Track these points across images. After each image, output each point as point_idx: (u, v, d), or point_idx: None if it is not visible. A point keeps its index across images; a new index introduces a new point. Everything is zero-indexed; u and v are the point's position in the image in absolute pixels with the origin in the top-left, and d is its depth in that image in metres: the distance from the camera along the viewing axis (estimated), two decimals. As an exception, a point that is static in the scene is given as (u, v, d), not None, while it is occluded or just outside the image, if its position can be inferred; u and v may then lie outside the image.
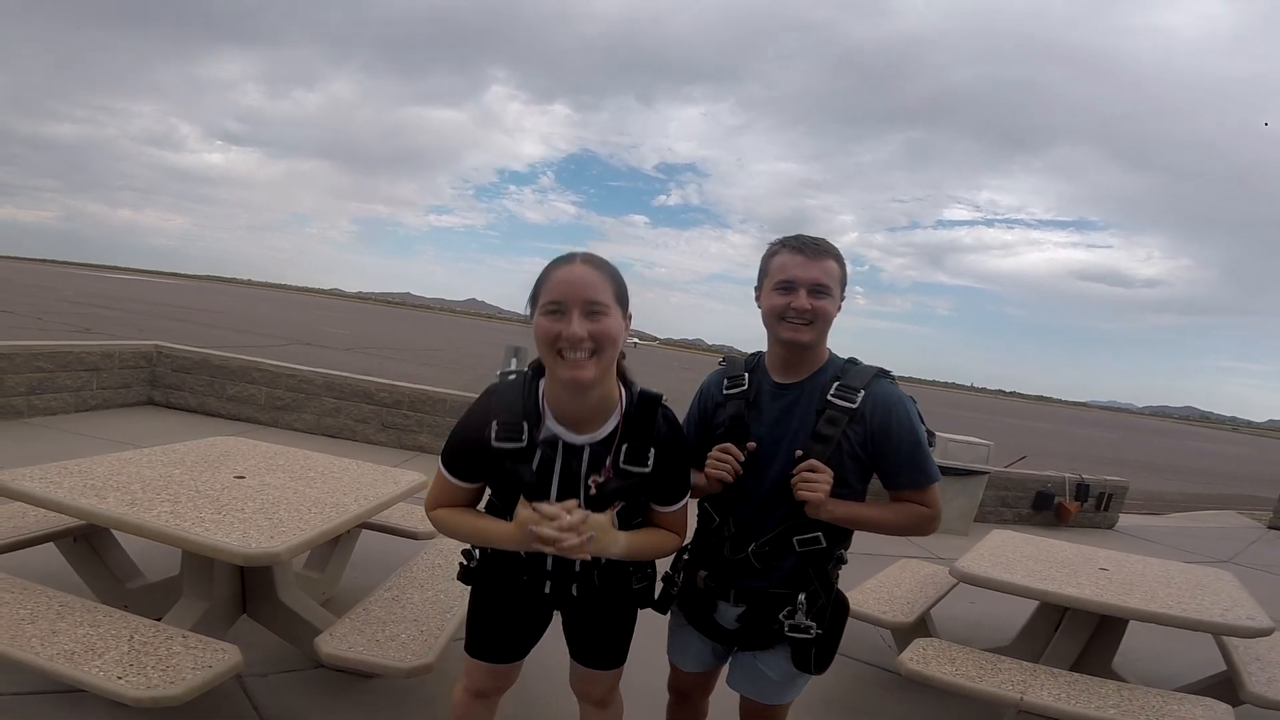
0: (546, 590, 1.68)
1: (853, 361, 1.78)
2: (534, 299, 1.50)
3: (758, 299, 1.81)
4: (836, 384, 1.71)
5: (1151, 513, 9.80)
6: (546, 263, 1.52)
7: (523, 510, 1.46)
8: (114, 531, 2.80)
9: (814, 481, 1.64)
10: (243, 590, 2.64)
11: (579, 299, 1.43)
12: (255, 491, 2.46)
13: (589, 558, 1.54)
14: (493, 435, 1.53)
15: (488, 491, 1.69)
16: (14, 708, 2.22)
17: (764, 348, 1.87)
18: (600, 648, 1.80)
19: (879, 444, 1.71)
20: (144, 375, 7.09)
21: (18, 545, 2.64)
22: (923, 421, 1.77)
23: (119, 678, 1.83)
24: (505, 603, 1.74)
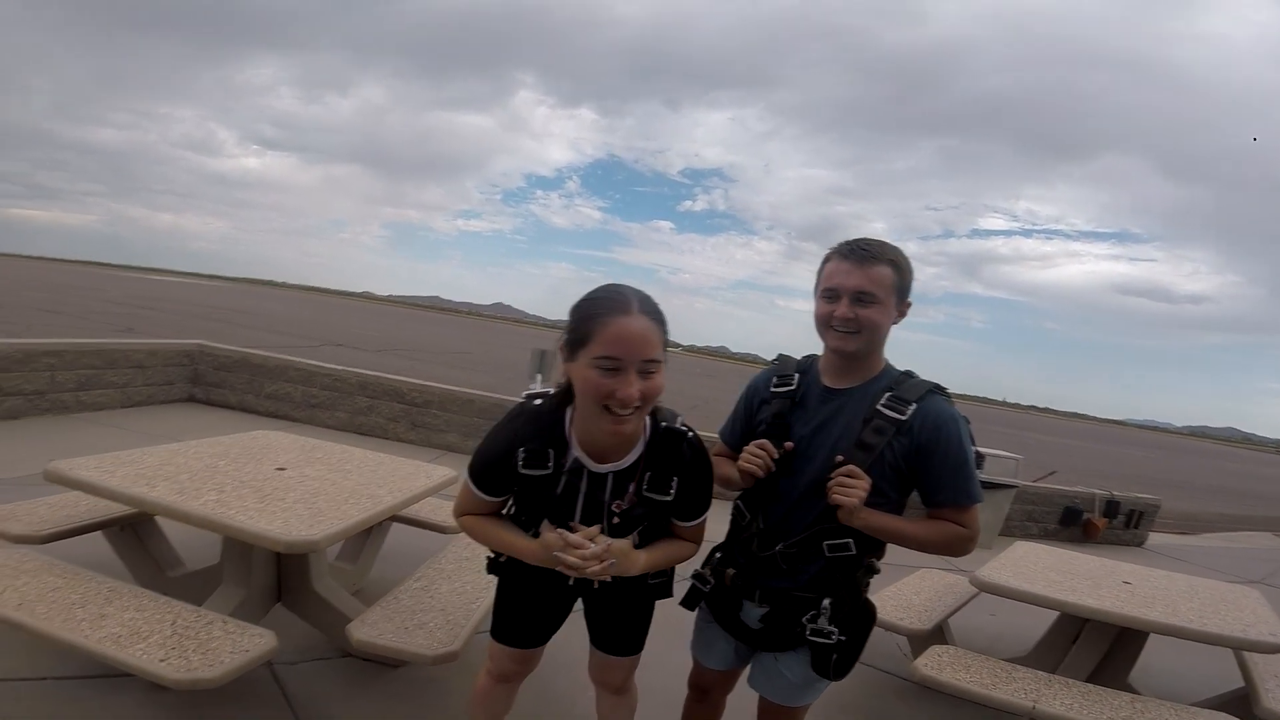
0: (570, 582, 1.71)
1: (908, 374, 1.77)
2: (580, 341, 1.43)
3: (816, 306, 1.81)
4: (888, 394, 1.70)
5: (1183, 532, 9.60)
6: (590, 296, 1.47)
7: (548, 534, 1.55)
8: (158, 521, 2.94)
9: (850, 487, 1.63)
10: (278, 579, 2.74)
11: (637, 357, 1.39)
12: (295, 482, 2.57)
13: (609, 579, 1.59)
14: (520, 462, 1.57)
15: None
16: (56, 692, 2.31)
17: (789, 353, 1.92)
18: (619, 634, 1.87)
19: (924, 459, 1.69)
20: (186, 373, 7.33)
21: (70, 533, 2.77)
22: (973, 442, 1.75)
23: (161, 660, 1.90)
24: (531, 590, 1.81)
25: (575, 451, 1.58)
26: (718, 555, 1.94)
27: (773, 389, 1.86)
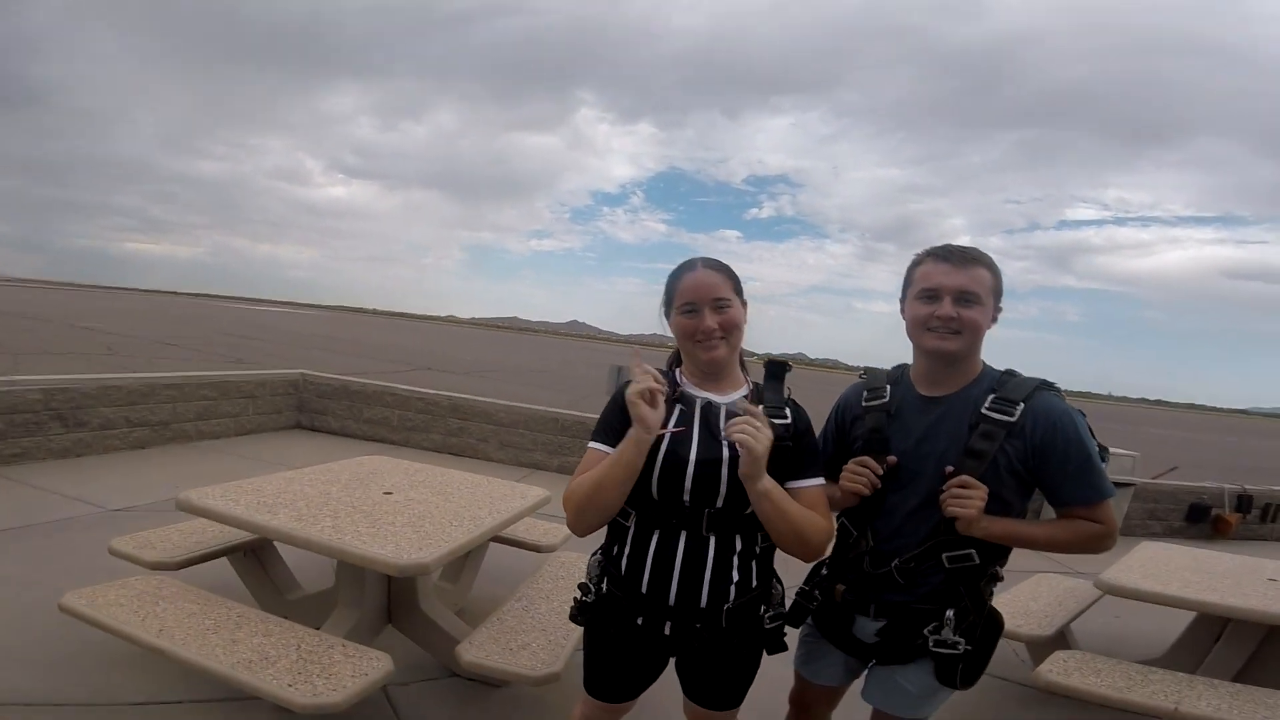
0: (666, 631, 1.60)
1: (1010, 373, 1.72)
2: (668, 302, 1.69)
3: (902, 311, 1.77)
4: (993, 396, 1.66)
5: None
6: (671, 271, 1.71)
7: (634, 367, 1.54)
8: (276, 545, 3.09)
9: (965, 498, 1.59)
10: (388, 601, 2.84)
11: (708, 298, 1.63)
12: (402, 506, 2.66)
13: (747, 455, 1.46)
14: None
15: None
16: (190, 715, 2.43)
17: (865, 363, 1.88)
18: (720, 689, 1.71)
19: (1042, 459, 1.63)
20: (292, 401, 7.76)
21: (201, 559, 2.94)
22: (1093, 435, 1.68)
23: (289, 685, 1.98)
24: (619, 643, 1.69)
25: (686, 385, 1.69)
26: (824, 573, 1.90)
27: (865, 403, 1.82)
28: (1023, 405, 1.63)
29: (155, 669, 2.58)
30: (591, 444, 1.66)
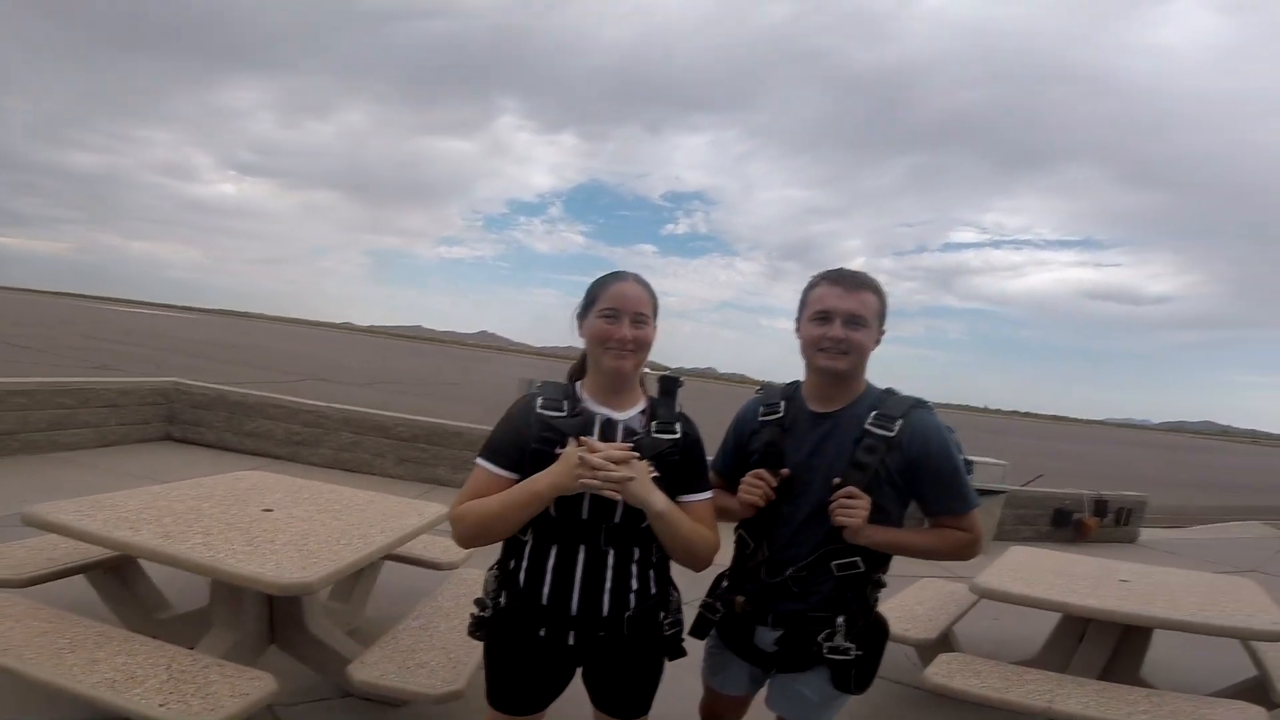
0: (570, 641, 1.63)
1: (890, 392, 1.81)
2: (588, 305, 1.71)
3: (797, 331, 1.86)
4: (874, 413, 1.75)
5: (1174, 526, 9.68)
6: (598, 277, 1.74)
7: (570, 447, 1.55)
8: (142, 563, 2.86)
9: (851, 507, 1.67)
10: (270, 621, 2.68)
11: (631, 310, 1.66)
12: (284, 524, 2.51)
13: (617, 497, 1.53)
14: (538, 405, 1.65)
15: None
16: None
17: (769, 378, 1.94)
18: (626, 697, 1.74)
19: (916, 471, 1.74)
20: (162, 412, 7.20)
21: (53, 576, 2.69)
22: (960, 450, 1.79)
23: (161, 705, 1.86)
24: (523, 658, 1.69)
25: (587, 400, 1.70)
26: (724, 584, 1.94)
27: (761, 418, 1.89)
28: (900, 421, 1.73)
29: (6, 689, 2.33)
30: (481, 462, 1.66)
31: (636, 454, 1.56)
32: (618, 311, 1.65)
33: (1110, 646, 3.14)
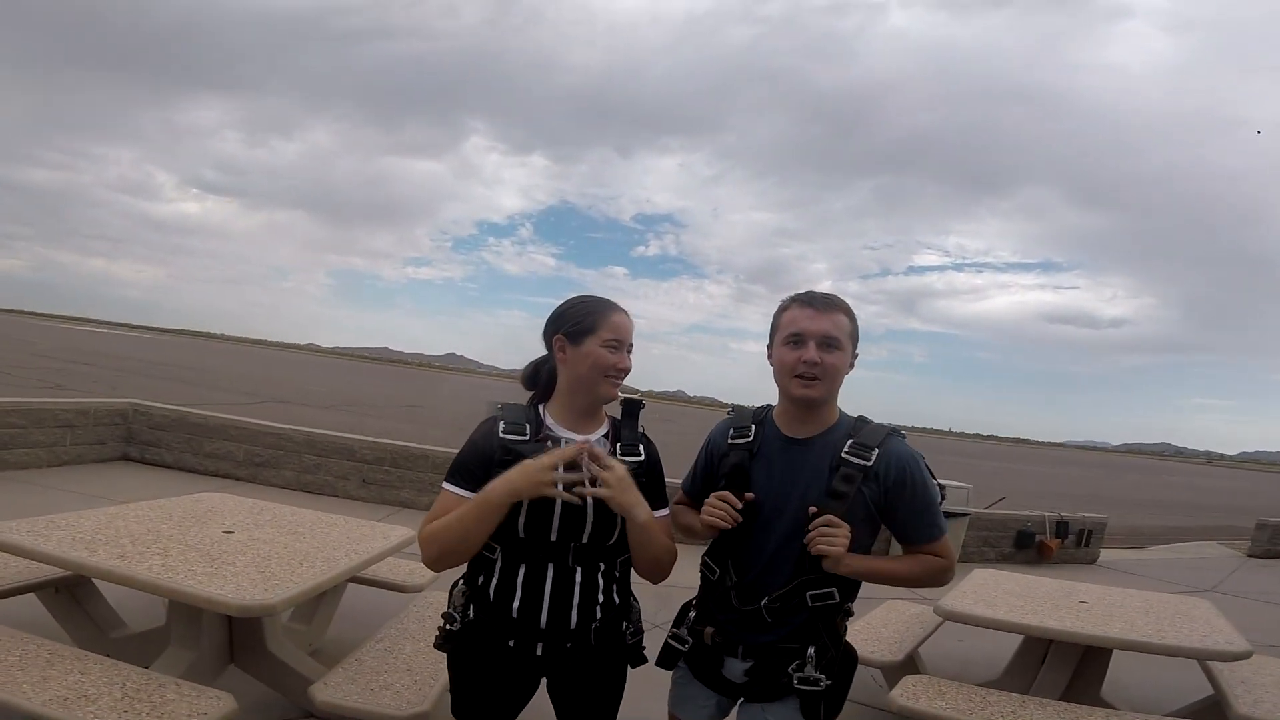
0: (538, 652, 1.65)
1: (863, 420, 1.81)
2: (587, 330, 1.71)
3: (769, 356, 1.84)
4: (851, 441, 1.73)
5: (1133, 546, 9.89)
6: (588, 301, 1.76)
7: (542, 455, 1.55)
8: (97, 583, 2.78)
9: (832, 536, 1.64)
10: (230, 641, 2.61)
11: (628, 341, 1.75)
12: (245, 546, 2.46)
13: (604, 494, 1.55)
14: (500, 430, 1.68)
15: None
16: None
17: (738, 402, 1.93)
18: (591, 708, 1.77)
19: (894, 500, 1.72)
20: (120, 432, 7.01)
21: (2, 595, 2.61)
22: (934, 477, 1.80)
23: None
24: (490, 669, 1.70)
25: (550, 422, 1.73)
26: (692, 614, 1.92)
27: (730, 440, 1.87)
28: (877, 450, 1.72)
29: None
30: (447, 486, 1.67)
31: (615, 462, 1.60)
32: (621, 342, 1.72)
33: (1071, 667, 3.18)
